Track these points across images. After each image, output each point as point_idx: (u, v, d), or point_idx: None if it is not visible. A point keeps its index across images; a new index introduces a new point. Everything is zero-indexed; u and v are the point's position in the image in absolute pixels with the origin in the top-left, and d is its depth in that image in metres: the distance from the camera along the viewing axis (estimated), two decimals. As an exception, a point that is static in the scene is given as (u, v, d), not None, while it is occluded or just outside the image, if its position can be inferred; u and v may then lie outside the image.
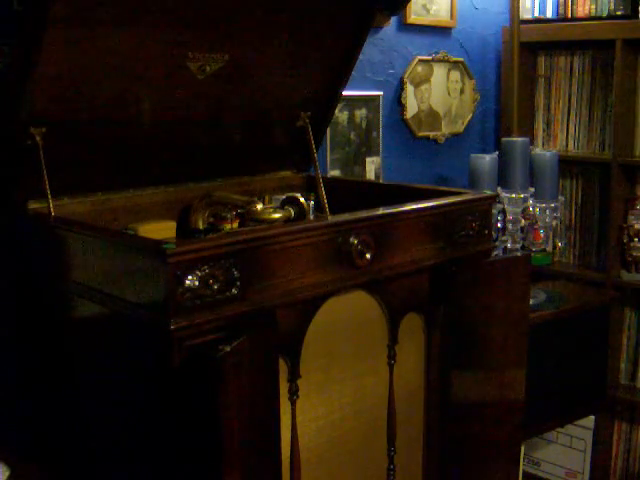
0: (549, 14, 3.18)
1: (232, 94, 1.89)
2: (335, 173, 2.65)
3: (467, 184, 2.79)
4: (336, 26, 1.98)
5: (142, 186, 1.86)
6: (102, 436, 1.55)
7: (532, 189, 2.66)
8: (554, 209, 2.68)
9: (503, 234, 2.55)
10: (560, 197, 2.78)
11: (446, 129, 3.10)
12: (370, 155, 2.78)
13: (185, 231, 1.86)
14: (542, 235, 2.69)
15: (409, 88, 2.90)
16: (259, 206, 1.75)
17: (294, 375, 1.52)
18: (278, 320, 1.43)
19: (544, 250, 3.04)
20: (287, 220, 1.80)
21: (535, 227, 2.67)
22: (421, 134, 2.99)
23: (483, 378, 1.84)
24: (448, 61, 3.05)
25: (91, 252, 1.45)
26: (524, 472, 2.85)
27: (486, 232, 1.84)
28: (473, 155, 2.77)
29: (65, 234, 1.51)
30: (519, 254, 2.46)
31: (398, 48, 2.85)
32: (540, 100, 3.32)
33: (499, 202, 2.57)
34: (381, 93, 2.80)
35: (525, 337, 1.87)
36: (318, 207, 1.92)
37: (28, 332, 1.70)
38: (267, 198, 2.04)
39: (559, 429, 2.93)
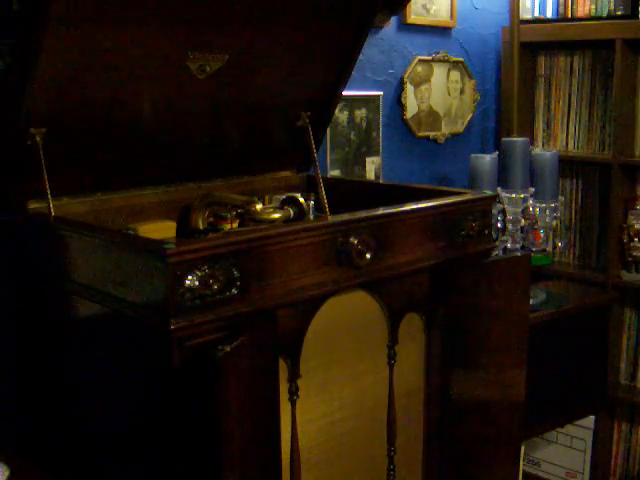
0: (549, 14, 3.18)
1: (232, 94, 1.89)
2: (335, 173, 2.65)
3: (467, 184, 2.79)
4: (336, 26, 1.98)
5: (142, 186, 1.86)
6: (102, 436, 1.55)
7: (532, 189, 2.66)
8: (554, 209, 2.68)
9: (503, 234, 2.55)
10: (560, 197, 2.78)
11: (446, 129, 3.10)
12: (370, 155, 2.78)
13: (185, 231, 1.86)
14: (542, 235, 2.69)
15: (409, 88, 2.90)
16: (259, 206, 1.75)
17: (294, 375, 1.52)
18: (278, 320, 1.43)
19: (544, 250, 3.03)
20: (287, 220, 1.80)
21: (535, 227, 2.67)
22: (421, 134, 2.99)
23: (483, 378, 1.84)
24: (448, 61, 3.05)
25: (91, 252, 1.45)
26: (524, 472, 2.86)
27: (486, 232, 1.84)
28: (473, 155, 2.77)
29: (65, 234, 1.51)
30: (519, 254, 2.46)
31: (398, 48, 2.85)
32: (540, 100, 3.32)
33: (499, 202, 2.57)
34: (381, 93, 2.80)
35: (525, 337, 1.87)
36: (318, 207, 1.92)
37: (28, 332, 1.70)
38: (267, 198, 2.04)
39: (559, 429, 2.93)
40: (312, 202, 1.88)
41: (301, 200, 1.85)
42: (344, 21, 1.99)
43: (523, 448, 2.46)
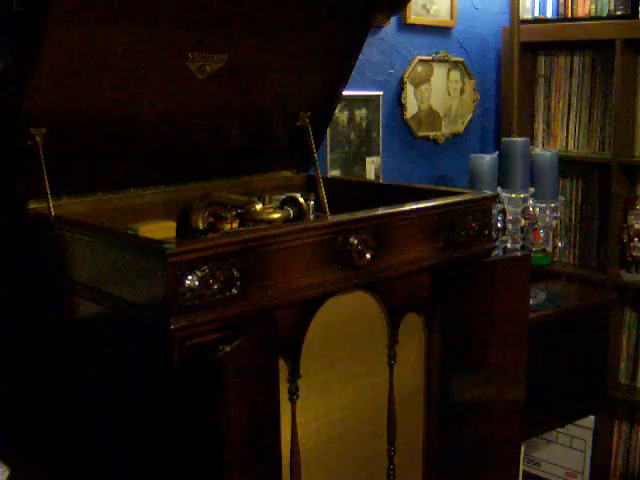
0: (549, 14, 3.18)
1: (232, 94, 1.89)
2: (335, 173, 2.65)
3: (467, 184, 2.79)
4: (336, 26, 1.98)
5: (142, 186, 1.86)
6: (102, 436, 1.55)
7: (532, 189, 2.66)
8: (554, 209, 2.68)
9: (503, 234, 2.55)
10: (560, 197, 2.78)
11: (446, 129, 3.10)
12: (370, 155, 2.78)
13: (185, 231, 1.86)
14: (542, 235, 2.69)
15: (409, 88, 2.90)
16: (258, 206, 1.75)
17: (294, 375, 1.52)
18: (278, 320, 1.43)
19: (544, 250, 3.04)
20: (286, 220, 1.80)
21: (535, 227, 2.67)
22: (421, 134, 2.99)
23: (483, 378, 1.84)
24: (448, 61, 3.05)
25: (91, 252, 1.45)
26: (524, 472, 2.86)
27: (486, 232, 1.84)
28: (473, 155, 2.77)
29: (65, 234, 1.51)
30: (519, 254, 2.46)
31: (398, 48, 2.85)
32: (540, 100, 3.32)
33: (499, 202, 2.57)
34: (381, 93, 2.80)
35: (525, 337, 1.87)
36: (318, 207, 1.92)
37: (28, 332, 1.70)
38: (267, 198, 2.03)
39: (559, 429, 2.93)
40: (312, 202, 1.88)
41: (301, 200, 1.85)
42: (344, 21, 1.99)
43: (523, 448, 2.46)
